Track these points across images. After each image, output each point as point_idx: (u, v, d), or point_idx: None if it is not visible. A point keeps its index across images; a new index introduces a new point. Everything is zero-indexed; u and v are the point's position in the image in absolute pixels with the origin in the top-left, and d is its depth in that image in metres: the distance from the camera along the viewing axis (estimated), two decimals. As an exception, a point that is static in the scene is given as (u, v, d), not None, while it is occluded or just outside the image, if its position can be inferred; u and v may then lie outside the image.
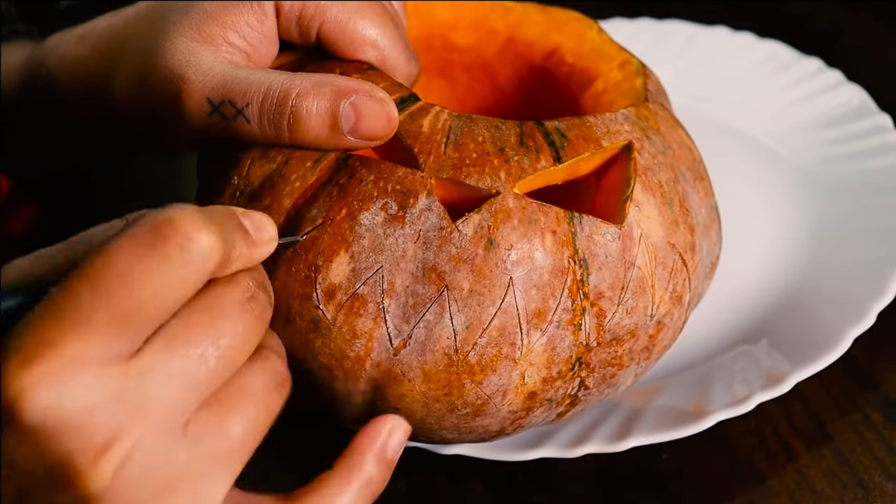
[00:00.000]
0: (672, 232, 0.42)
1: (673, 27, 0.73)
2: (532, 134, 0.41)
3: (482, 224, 0.38)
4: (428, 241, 0.38)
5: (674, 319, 0.43)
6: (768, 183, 0.63)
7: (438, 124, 0.40)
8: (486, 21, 0.52)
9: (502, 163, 0.39)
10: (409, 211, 0.38)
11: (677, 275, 0.42)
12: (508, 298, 0.38)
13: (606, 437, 0.47)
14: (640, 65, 0.48)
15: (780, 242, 0.59)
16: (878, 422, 0.49)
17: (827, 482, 0.47)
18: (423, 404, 0.40)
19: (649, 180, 0.42)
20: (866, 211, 0.58)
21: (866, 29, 0.77)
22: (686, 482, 0.48)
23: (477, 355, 0.39)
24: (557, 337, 0.40)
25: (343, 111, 0.39)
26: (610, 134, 0.42)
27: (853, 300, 0.51)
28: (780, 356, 0.50)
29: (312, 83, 0.39)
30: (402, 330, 0.39)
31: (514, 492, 0.49)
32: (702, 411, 0.47)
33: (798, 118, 0.66)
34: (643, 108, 0.44)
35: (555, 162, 0.40)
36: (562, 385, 0.41)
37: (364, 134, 0.39)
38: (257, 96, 0.39)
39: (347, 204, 0.39)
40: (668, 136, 0.44)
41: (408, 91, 0.42)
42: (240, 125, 0.40)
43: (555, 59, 0.51)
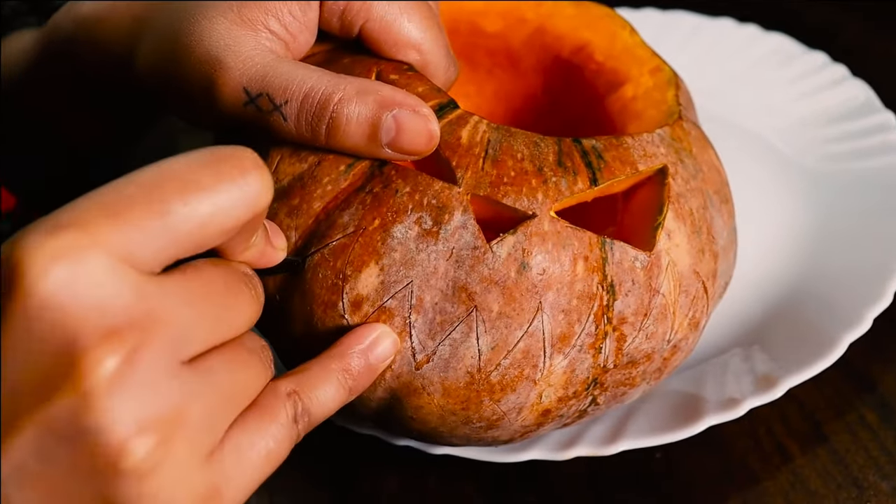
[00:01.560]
0: (698, 260, 0.42)
1: (678, 18, 0.72)
2: (570, 153, 0.40)
3: (517, 246, 0.38)
4: (461, 259, 0.38)
5: (688, 343, 0.43)
6: (768, 182, 0.62)
7: (477, 136, 0.40)
8: (517, 10, 0.51)
9: (540, 183, 0.39)
10: (443, 227, 0.38)
11: (698, 302, 0.42)
12: (536, 322, 0.38)
13: (597, 440, 0.47)
14: (672, 73, 0.47)
15: (777, 244, 0.58)
16: (872, 422, 0.49)
17: (821, 482, 0.47)
18: (439, 416, 0.40)
19: (681, 207, 0.41)
20: (866, 212, 0.57)
21: (868, 24, 0.76)
22: (679, 483, 0.48)
23: (499, 375, 0.39)
24: (578, 360, 0.40)
25: (384, 123, 0.38)
26: (646, 157, 0.41)
27: (849, 305, 0.51)
28: (774, 360, 0.50)
29: (356, 90, 0.38)
30: (427, 346, 0.38)
31: (505, 492, 0.49)
32: (694, 415, 0.47)
33: (802, 114, 0.65)
34: (678, 128, 0.44)
35: (591, 185, 0.40)
36: (575, 403, 0.41)
37: (403, 148, 0.38)
38: (298, 95, 0.38)
39: (381, 214, 0.38)
40: (700, 158, 0.44)
41: (447, 98, 0.41)
42: (275, 121, 0.39)
43: (583, 55, 0.50)
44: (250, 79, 0.39)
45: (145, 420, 0.29)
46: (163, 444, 0.30)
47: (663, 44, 0.69)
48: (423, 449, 0.48)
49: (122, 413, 0.29)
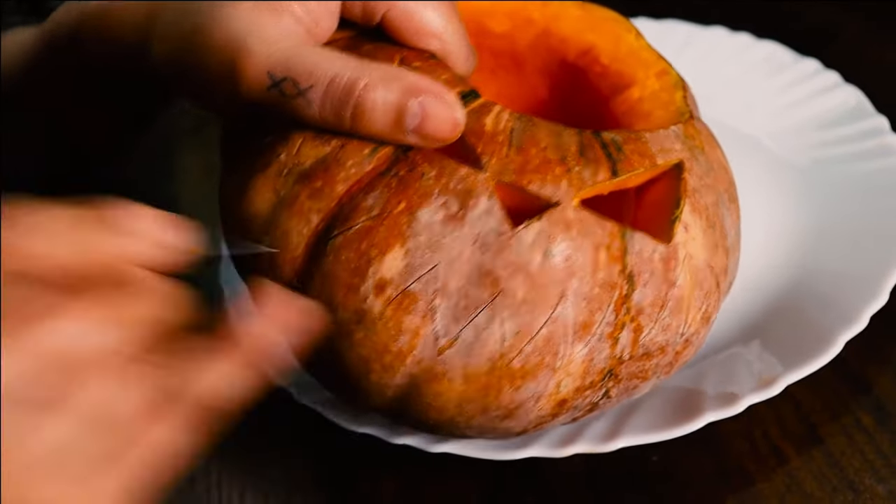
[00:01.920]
0: (713, 255, 0.42)
1: (671, 27, 0.73)
2: (591, 145, 0.40)
3: (542, 233, 0.38)
4: (486, 244, 0.38)
5: (699, 338, 0.43)
6: (764, 184, 0.63)
7: (500, 124, 0.40)
8: (524, 10, 0.51)
9: (564, 172, 0.39)
10: (469, 212, 0.38)
11: (711, 296, 0.42)
12: (560, 309, 0.38)
13: (595, 437, 0.47)
14: (678, 77, 0.48)
15: (774, 244, 0.59)
16: (868, 425, 0.50)
17: (817, 484, 0.47)
18: (457, 404, 0.40)
19: (697, 202, 0.42)
20: (861, 213, 0.58)
21: (861, 29, 0.77)
22: (675, 484, 0.48)
23: (521, 362, 0.39)
24: (597, 349, 0.40)
25: (410, 109, 0.38)
26: (664, 151, 0.42)
27: (846, 303, 0.51)
28: (771, 358, 0.50)
29: (381, 76, 0.38)
30: (450, 330, 0.38)
31: (504, 491, 0.49)
32: (692, 412, 0.47)
33: (795, 119, 0.66)
34: (690, 127, 0.44)
35: (612, 175, 0.40)
36: (590, 394, 0.41)
37: (428, 135, 0.38)
38: (323, 80, 0.38)
39: (407, 197, 0.38)
40: (711, 157, 0.45)
41: (469, 86, 0.41)
42: (299, 105, 0.39)
43: (588, 58, 0.50)
44: (275, 63, 0.39)
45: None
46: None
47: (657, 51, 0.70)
48: (421, 448, 0.48)
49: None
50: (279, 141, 0.40)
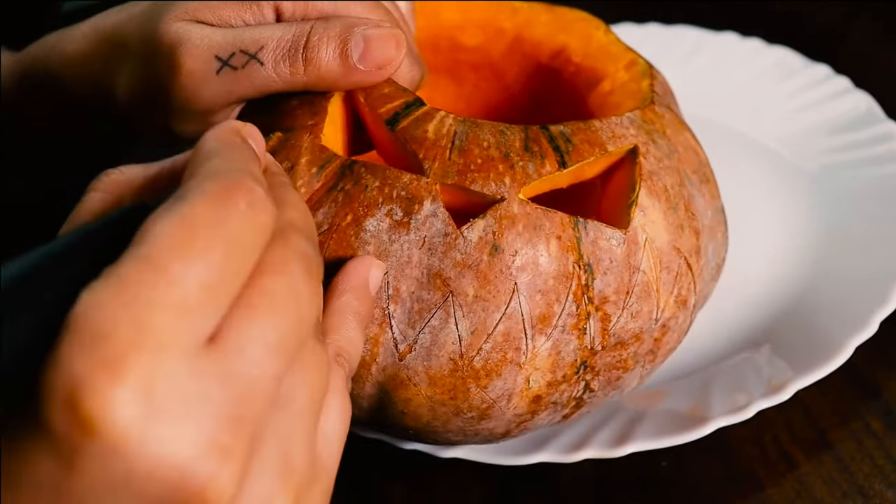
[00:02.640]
0: (677, 236, 0.42)
1: (681, 32, 0.73)
2: (537, 139, 0.41)
3: (487, 230, 0.38)
4: (433, 247, 0.38)
5: (679, 323, 0.43)
6: (774, 189, 0.63)
7: (443, 129, 0.40)
8: (494, 21, 0.52)
9: (507, 168, 0.39)
10: (414, 217, 0.38)
11: (682, 279, 0.42)
12: (513, 304, 0.38)
13: (605, 443, 0.47)
14: (646, 66, 0.48)
15: (784, 249, 0.59)
16: (878, 430, 0.49)
17: (827, 490, 0.47)
18: (429, 408, 0.40)
19: (654, 185, 0.41)
20: (871, 219, 0.58)
21: (872, 35, 0.77)
22: (685, 490, 0.48)
23: (482, 360, 0.39)
24: (562, 341, 0.40)
25: (353, 39, 0.40)
26: (615, 138, 0.42)
27: (856, 308, 0.51)
28: (781, 363, 0.50)
29: (324, 21, 0.41)
30: (408, 335, 0.39)
31: (513, 497, 0.49)
32: (701, 417, 0.47)
33: (805, 124, 0.66)
34: (649, 112, 0.44)
35: (560, 167, 0.40)
36: (567, 388, 0.41)
37: (374, 59, 0.40)
38: (271, 39, 0.40)
39: (353, 210, 0.39)
40: (675, 140, 0.44)
41: (412, 96, 0.42)
42: (252, 72, 0.40)
43: (561, 58, 0.51)
44: (220, 45, 0.40)
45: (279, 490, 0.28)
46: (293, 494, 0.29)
47: (668, 58, 0.70)
48: (430, 453, 0.48)
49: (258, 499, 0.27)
50: None
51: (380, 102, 0.41)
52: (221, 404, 0.26)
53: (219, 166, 0.29)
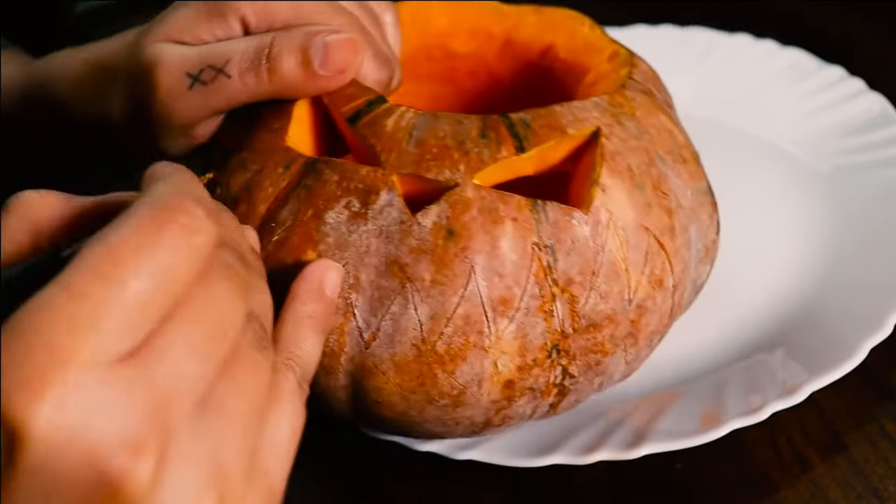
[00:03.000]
0: (644, 215, 0.42)
1: (695, 34, 0.73)
2: (495, 126, 0.41)
3: (441, 215, 0.39)
4: (390, 235, 0.39)
5: (657, 303, 0.42)
6: (788, 191, 0.62)
7: (402, 123, 0.41)
8: (483, 26, 0.53)
9: (462, 155, 0.40)
10: (370, 207, 0.40)
11: (654, 258, 0.42)
12: (471, 287, 0.39)
13: (620, 445, 0.47)
14: (627, 55, 0.48)
15: (798, 251, 0.58)
16: (892, 431, 0.49)
17: (841, 492, 0.47)
18: (402, 396, 0.41)
19: (617, 164, 0.42)
20: (886, 220, 0.57)
21: (886, 36, 0.76)
22: (699, 491, 0.48)
23: (444, 345, 0.39)
24: (528, 324, 0.40)
25: (313, 47, 0.42)
26: (577, 121, 0.42)
27: (870, 310, 0.50)
28: (795, 365, 0.49)
29: (286, 31, 0.43)
30: (371, 323, 0.40)
31: (528, 499, 0.49)
32: (716, 419, 0.47)
33: (819, 126, 0.65)
34: (617, 95, 0.44)
35: (517, 152, 0.41)
36: (540, 373, 0.41)
37: (335, 64, 0.42)
38: (236, 53, 0.42)
39: (314, 205, 0.40)
40: (645, 121, 0.44)
41: (374, 94, 0.43)
42: (222, 85, 0.42)
43: (550, 56, 0.51)
44: (190, 63, 0.43)
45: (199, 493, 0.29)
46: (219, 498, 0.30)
47: (681, 59, 0.71)
48: (445, 454, 0.48)
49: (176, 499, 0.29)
50: (219, 175, 0.43)
51: (342, 102, 0.43)
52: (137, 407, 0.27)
53: (159, 190, 0.30)
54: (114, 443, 0.27)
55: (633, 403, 0.50)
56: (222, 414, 0.30)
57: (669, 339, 0.53)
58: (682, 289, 0.44)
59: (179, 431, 0.29)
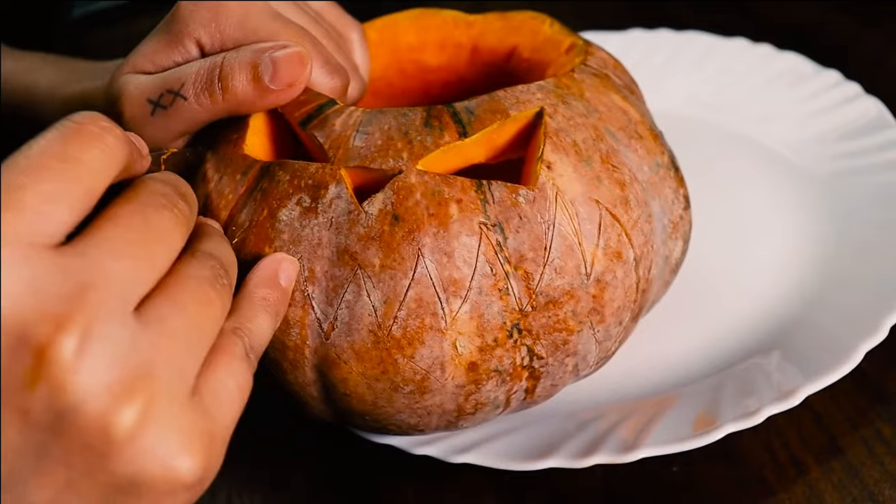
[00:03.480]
0: (593, 188, 0.42)
1: (692, 38, 0.73)
2: (439, 115, 0.42)
3: (386, 202, 0.40)
4: (339, 225, 0.40)
5: (618, 277, 0.42)
6: (784, 194, 0.62)
7: (350, 121, 0.43)
8: (451, 37, 0.54)
9: (405, 144, 0.41)
10: (320, 202, 0.41)
11: (608, 230, 0.42)
12: (420, 269, 0.40)
13: (615, 448, 0.47)
14: (583, 45, 0.49)
15: (793, 254, 0.58)
16: (888, 435, 0.49)
17: (837, 496, 0.46)
18: (367, 386, 0.41)
19: (561, 140, 0.42)
20: (881, 224, 0.56)
21: (883, 40, 0.77)
22: (695, 495, 0.48)
23: (400, 329, 0.40)
24: (482, 303, 0.40)
25: (262, 63, 0.43)
26: (519, 104, 0.43)
27: (866, 314, 0.50)
28: (791, 369, 0.49)
29: (235, 51, 0.44)
30: (328, 313, 0.40)
31: (523, 503, 0.48)
32: (711, 423, 0.47)
33: (815, 130, 0.65)
34: (564, 78, 0.45)
35: (461, 137, 0.41)
36: (504, 353, 0.41)
37: (284, 79, 0.43)
38: (190, 76, 0.44)
39: (268, 205, 0.42)
40: (595, 101, 0.45)
41: (325, 98, 0.44)
42: (180, 107, 0.44)
43: (515, 58, 0.52)
44: (150, 90, 0.45)
45: (118, 385, 0.30)
46: (142, 401, 0.31)
47: (678, 63, 0.71)
48: (441, 458, 0.48)
49: (93, 386, 0.30)
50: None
51: (295, 108, 0.44)
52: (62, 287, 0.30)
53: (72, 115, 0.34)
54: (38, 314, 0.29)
55: (628, 407, 0.50)
56: (161, 330, 0.32)
57: (664, 343, 0.53)
58: (648, 263, 0.44)
59: (106, 320, 0.31)
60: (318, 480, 0.52)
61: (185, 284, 0.34)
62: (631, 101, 0.47)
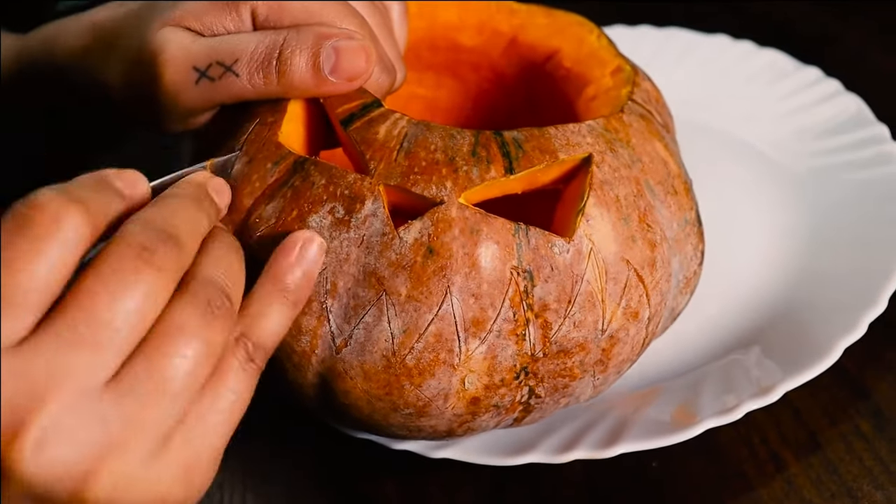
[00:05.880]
0: (627, 248, 0.41)
1: (673, 34, 0.73)
2: (487, 144, 0.41)
3: (423, 232, 0.39)
4: (370, 245, 0.39)
5: (630, 334, 0.43)
6: (764, 191, 0.63)
7: (395, 131, 0.41)
8: (491, 22, 0.53)
9: (450, 172, 0.40)
10: (354, 216, 0.39)
11: (632, 291, 0.42)
12: (445, 306, 0.39)
13: (595, 444, 0.47)
14: (631, 72, 0.47)
15: (774, 251, 0.58)
16: (866, 431, 0.49)
17: (816, 491, 0.47)
18: (367, 402, 0.41)
19: (605, 194, 0.41)
20: (860, 221, 0.57)
21: (862, 37, 0.77)
22: (675, 490, 0.48)
23: (414, 359, 0.40)
24: (498, 346, 0.40)
25: (324, 52, 0.41)
26: (569, 146, 0.42)
27: (845, 310, 0.50)
28: (770, 364, 0.50)
29: (297, 31, 0.42)
30: (344, 330, 0.40)
31: (504, 497, 0.49)
32: (691, 419, 0.47)
33: (795, 127, 0.66)
34: (614, 120, 0.44)
35: (506, 173, 0.40)
36: (507, 392, 0.41)
37: (345, 72, 0.41)
38: (246, 51, 0.41)
39: (298, 206, 0.40)
40: (640, 149, 0.44)
41: (371, 97, 0.43)
42: (229, 83, 0.42)
43: (554, 62, 0.51)
44: (197, 57, 0.42)
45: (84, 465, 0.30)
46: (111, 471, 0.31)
47: (659, 60, 0.70)
48: (421, 453, 0.48)
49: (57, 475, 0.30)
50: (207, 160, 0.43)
51: (338, 103, 0.42)
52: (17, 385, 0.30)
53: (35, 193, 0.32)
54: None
55: (608, 403, 0.50)
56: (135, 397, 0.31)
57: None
58: (658, 319, 0.44)
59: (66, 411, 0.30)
60: (299, 475, 0.52)
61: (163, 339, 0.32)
62: (671, 148, 0.46)
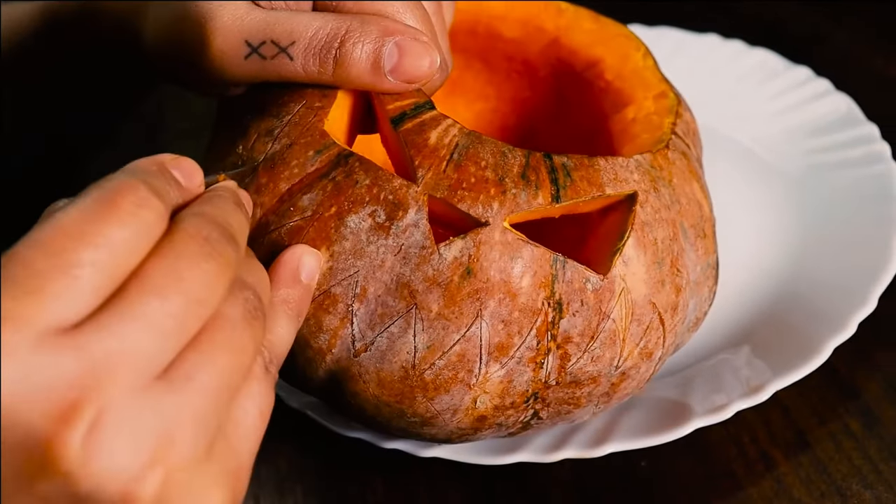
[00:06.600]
0: (656, 291, 0.41)
1: (663, 33, 0.73)
2: (537, 167, 0.40)
3: (464, 252, 0.38)
4: (408, 256, 0.38)
5: (640, 372, 0.43)
6: (754, 191, 0.63)
7: (446, 139, 0.40)
8: (536, 19, 0.52)
9: (499, 193, 0.39)
10: (395, 223, 0.38)
11: (652, 333, 0.42)
12: (474, 329, 0.39)
13: (584, 443, 0.47)
14: (675, 101, 0.47)
15: (763, 250, 0.59)
16: (856, 430, 0.49)
17: (805, 490, 0.47)
18: (374, 405, 0.41)
19: (645, 236, 0.41)
20: (850, 221, 0.57)
21: (853, 37, 0.77)
22: (664, 489, 0.48)
23: (433, 375, 0.39)
24: (516, 371, 0.40)
25: (387, 49, 0.39)
26: (617, 181, 0.41)
27: (834, 310, 0.51)
28: (760, 364, 0.50)
29: (361, 22, 0.40)
30: (366, 335, 0.39)
31: (493, 496, 0.49)
32: (680, 418, 0.47)
33: (785, 126, 0.66)
34: (660, 157, 0.43)
35: (553, 201, 0.40)
36: (513, 413, 0.41)
37: (405, 74, 0.40)
38: (305, 35, 0.40)
39: (338, 202, 0.39)
40: (679, 190, 0.43)
41: (424, 97, 0.41)
42: (280, 64, 0.40)
43: (594, 72, 0.50)
44: (251, 30, 0.40)
45: (135, 460, 0.29)
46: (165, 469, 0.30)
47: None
48: (410, 452, 0.48)
49: (107, 470, 0.29)
50: (240, 133, 0.42)
51: (389, 99, 0.41)
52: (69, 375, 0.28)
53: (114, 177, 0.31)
54: (41, 409, 0.28)
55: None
56: (187, 389, 0.30)
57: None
58: (666, 356, 0.44)
59: (121, 401, 0.29)
60: (286, 472, 0.51)
61: (217, 333, 0.32)
62: (705, 190, 0.46)
